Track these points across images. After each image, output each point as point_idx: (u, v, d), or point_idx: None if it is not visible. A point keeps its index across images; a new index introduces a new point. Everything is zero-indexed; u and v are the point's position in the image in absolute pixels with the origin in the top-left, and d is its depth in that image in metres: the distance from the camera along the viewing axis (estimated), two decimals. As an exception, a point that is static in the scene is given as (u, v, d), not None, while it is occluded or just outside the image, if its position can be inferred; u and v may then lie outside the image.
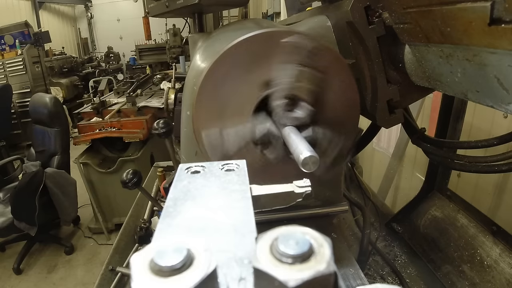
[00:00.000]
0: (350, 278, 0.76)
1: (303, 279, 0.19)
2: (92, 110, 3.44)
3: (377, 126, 1.11)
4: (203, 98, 0.58)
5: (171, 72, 4.48)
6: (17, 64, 5.21)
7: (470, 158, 0.87)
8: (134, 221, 1.59)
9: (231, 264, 0.23)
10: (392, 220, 1.45)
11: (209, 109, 0.59)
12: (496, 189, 1.78)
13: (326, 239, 0.22)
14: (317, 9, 0.95)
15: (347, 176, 1.40)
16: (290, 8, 2.70)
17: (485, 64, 0.46)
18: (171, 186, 0.33)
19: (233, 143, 0.61)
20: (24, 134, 4.88)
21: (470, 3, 0.41)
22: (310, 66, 0.59)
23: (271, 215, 0.73)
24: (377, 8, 0.69)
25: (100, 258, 3.29)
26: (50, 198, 3.02)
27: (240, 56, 0.57)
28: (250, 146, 0.62)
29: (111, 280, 1.21)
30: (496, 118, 1.75)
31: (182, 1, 0.99)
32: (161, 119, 1.12)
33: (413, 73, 0.69)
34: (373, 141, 1.21)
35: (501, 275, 1.00)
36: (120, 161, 3.24)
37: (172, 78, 1.70)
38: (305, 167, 0.48)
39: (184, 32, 5.03)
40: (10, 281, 3.11)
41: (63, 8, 9.33)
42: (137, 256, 0.21)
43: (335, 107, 0.63)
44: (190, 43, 1.15)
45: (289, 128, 0.56)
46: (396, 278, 1.17)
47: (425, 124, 2.03)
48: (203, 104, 0.59)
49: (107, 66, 7.90)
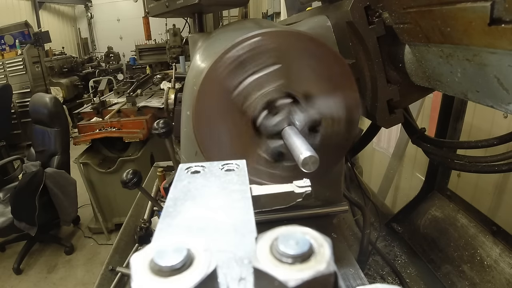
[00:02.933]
0: (350, 278, 0.76)
1: (303, 279, 0.19)
2: (92, 110, 3.43)
3: (377, 126, 1.12)
4: (203, 98, 0.58)
5: (171, 72, 4.48)
6: (17, 64, 5.21)
7: (470, 158, 0.87)
8: (134, 221, 1.59)
9: (231, 264, 0.23)
10: (392, 220, 1.45)
11: (209, 109, 0.59)
12: (496, 189, 1.78)
13: (326, 239, 0.22)
14: (317, 9, 0.95)
15: (347, 176, 1.40)
16: (290, 8, 2.70)
17: (485, 64, 0.46)
18: (171, 186, 0.33)
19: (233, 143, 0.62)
20: (24, 134, 4.88)
21: (470, 3, 0.41)
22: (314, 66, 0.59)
23: (271, 215, 0.73)
24: (377, 8, 0.69)
25: (100, 258, 3.29)
26: (50, 198, 3.02)
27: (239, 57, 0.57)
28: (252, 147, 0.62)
29: (111, 280, 1.21)
30: (496, 118, 1.75)
31: (182, 1, 0.99)
32: (161, 119, 1.12)
33: (413, 73, 0.69)
34: (373, 141, 1.21)
35: (501, 275, 1.00)
36: (120, 161, 3.24)
37: (172, 78, 1.70)
38: (305, 167, 0.48)
39: (184, 32, 5.03)
40: (10, 281, 3.11)
41: (63, 8, 9.33)
42: (137, 256, 0.21)
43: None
44: (190, 43, 1.15)
45: (289, 129, 0.56)
46: (396, 278, 1.17)
47: (425, 124, 2.02)
48: (203, 104, 0.59)
49: (107, 66, 7.89)
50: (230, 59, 0.57)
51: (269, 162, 0.63)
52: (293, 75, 0.59)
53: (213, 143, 0.62)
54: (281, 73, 0.59)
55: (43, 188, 2.90)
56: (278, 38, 0.58)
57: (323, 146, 0.62)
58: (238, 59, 0.57)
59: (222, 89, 0.58)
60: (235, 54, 0.57)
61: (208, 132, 0.61)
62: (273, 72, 0.58)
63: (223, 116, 0.60)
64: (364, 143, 1.21)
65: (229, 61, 0.57)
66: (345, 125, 0.63)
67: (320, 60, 0.60)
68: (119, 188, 1.87)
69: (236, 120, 0.60)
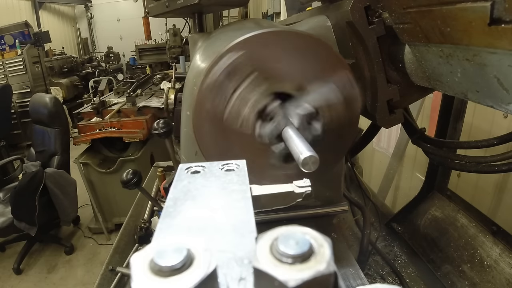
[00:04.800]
0: (350, 278, 0.76)
1: (303, 279, 0.19)
2: (92, 110, 3.43)
3: (377, 126, 1.12)
4: (203, 98, 0.58)
5: (171, 72, 4.48)
6: (17, 64, 5.21)
7: (470, 158, 0.87)
8: (134, 221, 1.59)
9: (231, 264, 0.23)
10: (392, 220, 1.45)
11: (209, 109, 0.59)
12: (496, 189, 1.78)
13: (326, 239, 0.22)
14: (317, 9, 0.95)
15: (347, 176, 1.40)
16: (290, 8, 2.71)
17: (485, 64, 0.46)
18: (171, 186, 0.33)
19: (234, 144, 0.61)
20: (24, 134, 4.88)
21: (470, 3, 0.41)
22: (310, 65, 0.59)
23: (271, 215, 0.73)
24: (377, 8, 0.69)
25: (100, 258, 3.29)
26: (50, 198, 3.02)
27: (239, 57, 0.57)
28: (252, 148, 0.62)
29: (111, 280, 1.21)
30: (496, 118, 1.75)
31: (182, 1, 0.99)
32: (161, 119, 1.12)
33: (413, 73, 0.69)
34: (373, 141, 1.21)
35: (501, 275, 1.00)
36: (120, 161, 3.24)
37: (172, 78, 1.70)
38: (305, 167, 0.48)
39: (184, 32, 5.02)
40: (10, 281, 3.11)
41: (63, 8, 9.33)
42: (137, 256, 0.21)
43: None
44: (190, 43, 1.15)
45: (289, 128, 0.56)
46: (396, 278, 1.17)
47: (425, 124, 2.03)
48: (203, 104, 0.59)
49: (107, 66, 7.90)
50: (210, 85, 0.57)
51: (282, 165, 0.63)
52: (274, 74, 0.58)
53: (213, 142, 0.61)
54: (260, 78, 0.57)
55: (43, 188, 2.90)
56: (245, 46, 0.56)
57: (328, 131, 0.61)
58: (216, 82, 0.57)
59: (222, 90, 0.58)
60: (212, 79, 0.56)
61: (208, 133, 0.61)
62: (252, 81, 0.57)
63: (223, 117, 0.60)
64: (364, 143, 1.21)
65: (209, 88, 0.57)
66: (344, 106, 0.61)
67: (295, 48, 0.58)
68: (119, 188, 1.87)
69: (240, 139, 0.60)
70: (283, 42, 0.58)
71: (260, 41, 0.57)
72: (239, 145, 0.61)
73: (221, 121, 0.59)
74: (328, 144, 0.62)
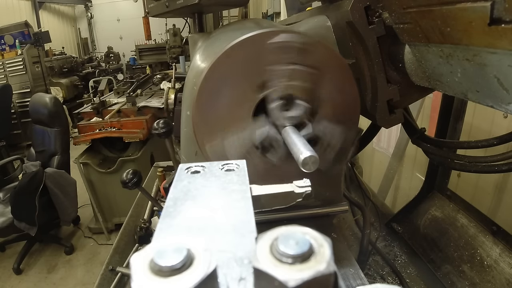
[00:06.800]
0: (350, 278, 0.76)
1: (303, 279, 0.19)
2: (92, 110, 3.43)
3: (377, 126, 1.11)
4: (203, 98, 0.58)
5: (171, 72, 4.48)
6: (17, 64, 5.21)
7: (470, 158, 0.87)
8: (134, 221, 1.59)
9: (231, 264, 0.23)
10: (392, 220, 1.45)
11: (209, 109, 0.59)
12: (496, 189, 1.78)
13: (326, 239, 0.22)
14: (317, 9, 0.95)
15: (347, 176, 1.40)
16: (290, 8, 2.71)
17: (485, 64, 0.46)
18: (171, 186, 0.33)
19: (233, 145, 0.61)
20: (24, 134, 4.88)
21: (470, 3, 0.41)
22: (303, 63, 0.59)
23: (271, 215, 0.72)
24: (377, 8, 0.69)
25: (100, 258, 3.29)
26: (50, 198, 3.02)
27: (238, 57, 0.57)
28: (252, 149, 0.62)
29: (111, 280, 1.21)
30: (496, 118, 1.75)
31: (182, 1, 0.99)
32: (161, 119, 1.12)
33: (413, 73, 0.69)
34: (373, 141, 1.21)
35: (501, 275, 1.00)
36: (120, 161, 3.24)
37: (172, 78, 1.70)
38: (305, 167, 0.48)
39: (184, 32, 5.03)
40: (10, 281, 3.11)
41: (63, 8, 9.33)
42: (137, 256, 0.21)
43: (334, 102, 0.63)
44: (190, 43, 1.15)
45: (289, 128, 0.56)
46: (396, 278, 1.17)
47: (425, 124, 2.03)
48: (203, 104, 0.59)
49: (107, 66, 7.90)
50: (210, 85, 0.57)
51: (262, 153, 0.63)
52: (287, 74, 0.58)
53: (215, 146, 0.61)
54: (257, 78, 0.58)
55: (43, 188, 2.90)
56: (243, 47, 0.57)
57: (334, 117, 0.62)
58: (216, 82, 0.57)
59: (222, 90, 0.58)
60: (212, 79, 0.57)
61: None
62: (250, 82, 0.57)
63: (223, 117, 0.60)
64: (364, 143, 1.21)
65: (229, 61, 0.57)
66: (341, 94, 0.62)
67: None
68: (119, 188, 1.87)
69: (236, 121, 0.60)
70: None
71: (259, 41, 0.57)
72: (238, 145, 0.61)
73: (221, 121, 0.58)
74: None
